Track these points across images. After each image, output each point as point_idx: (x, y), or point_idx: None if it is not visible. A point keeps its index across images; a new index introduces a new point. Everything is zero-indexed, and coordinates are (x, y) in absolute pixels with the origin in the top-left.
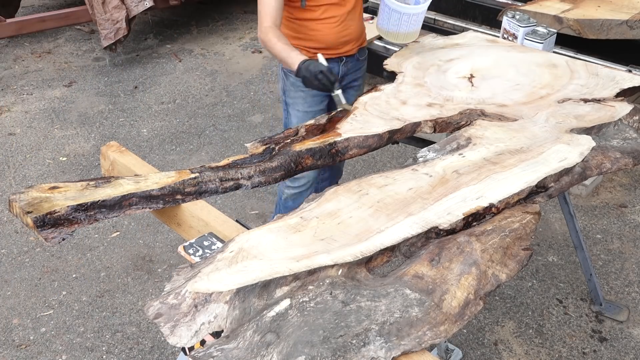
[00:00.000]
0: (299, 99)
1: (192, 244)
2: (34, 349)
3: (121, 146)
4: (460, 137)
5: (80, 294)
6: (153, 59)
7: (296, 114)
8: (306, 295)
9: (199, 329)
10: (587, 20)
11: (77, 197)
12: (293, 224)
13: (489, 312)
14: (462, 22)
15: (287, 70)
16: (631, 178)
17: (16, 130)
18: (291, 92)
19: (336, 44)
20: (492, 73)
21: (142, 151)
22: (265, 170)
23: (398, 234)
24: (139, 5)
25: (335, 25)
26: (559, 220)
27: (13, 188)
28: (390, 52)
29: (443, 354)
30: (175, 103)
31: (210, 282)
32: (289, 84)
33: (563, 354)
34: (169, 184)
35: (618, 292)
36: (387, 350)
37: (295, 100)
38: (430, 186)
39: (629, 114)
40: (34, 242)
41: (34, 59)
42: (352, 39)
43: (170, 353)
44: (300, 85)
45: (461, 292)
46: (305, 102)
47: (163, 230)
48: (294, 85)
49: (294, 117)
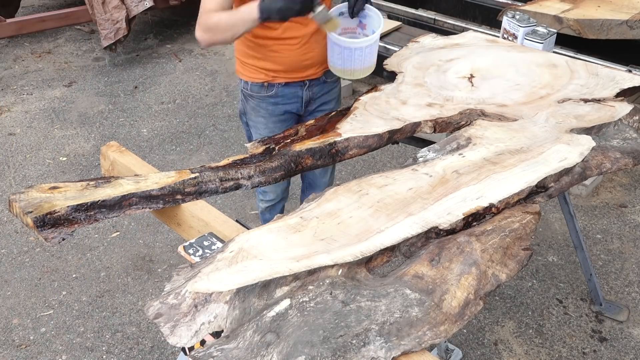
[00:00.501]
0: (260, 124)
1: (192, 244)
2: (34, 349)
3: (121, 146)
4: (460, 137)
5: (80, 294)
6: (153, 59)
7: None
8: (306, 295)
9: (199, 329)
10: (587, 20)
11: (77, 197)
12: (293, 224)
13: (489, 312)
14: (462, 22)
15: (246, 93)
16: (631, 178)
17: (16, 130)
18: (252, 116)
19: (298, 67)
20: (492, 73)
21: (142, 151)
22: (265, 170)
23: (398, 234)
24: (139, 5)
25: (297, 47)
26: (559, 220)
27: (13, 188)
28: (390, 52)
29: (443, 354)
30: (175, 103)
31: (210, 282)
32: (250, 108)
33: (563, 354)
34: (169, 184)
35: (618, 292)
36: (387, 350)
37: (256, 125)
38: (430, 186)
39: (629, 114)
40: (34, 242)
41: (34, 59)
42: (316, 62)
43: (170, 353)
44: (260, 110)
45: (461, 292)
46: (267, 128)
47: (163, 230)
48: (254, 109)
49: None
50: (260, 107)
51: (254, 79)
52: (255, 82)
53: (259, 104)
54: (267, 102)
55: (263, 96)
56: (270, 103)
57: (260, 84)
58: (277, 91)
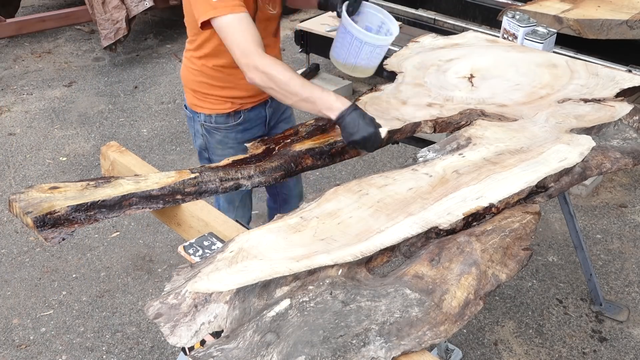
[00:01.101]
0: (227, 156)
1: (192, 244)
2: (34, 349)
3: (121, 146)
4: (460, 137)
5: (80, 294)
6: (153, 59)
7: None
8: (306, 295)
9: (199, 329)
10: (587, 20)
11: (77, 197)
12: (293, 224)
13: (489, 312)
14: (462, 22)
15: (209, 127)
16: (631, 178)
17: (16, 130)
18: (217, 151)
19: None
20: (492, 73)
21: (142, 151)
22: (265, 170)
23: (398, 234)
24: (139, 5)
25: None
26: (559, 220)
27: (13, 188)
28: (390, 53)
29: (443, 354)
30: (175, 103)
31: (210, 282)
32: (215, 142)
33: (563, 354)
34: (169, 184)
35: (618, 292)
36: (387, 350)
37: (222, 158)
38: (430, 186)
39: (629, 114)
40: (34, 242)
41: (34, 59)
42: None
43: (170, 353)
44: (227, 141)
45: (461, 292)
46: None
47: (163, 230)
48: (221, 142)
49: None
50: (228, 138)
51: (219, 110)
52: (221, 113)
53: (227, 135)
54: (235, 131)
55: (230, 126)
56: (238, 131)
57: (227, 114)
58: (244, 117)
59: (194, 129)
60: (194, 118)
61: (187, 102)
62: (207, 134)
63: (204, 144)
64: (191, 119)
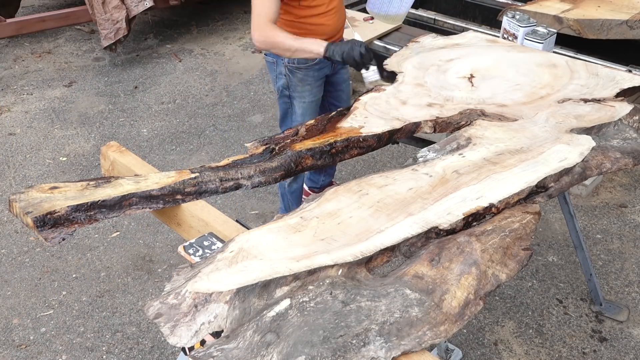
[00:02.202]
0: (305, 92)
1: (192, 244)
2: (34, 349)
3: (121, 146)
4: (460, 137)
5: (80, 294)
6: (153, 59)
7: (302, 106)
8: (306, 295)
9: (199, 329)
10: (587, 20)
11: (77, 197)
12: (293, 224)
13: (489, 312)
14: (462, 22)
15: (292, 67)
16: (631, 178)
17: (16, 130)
18: (298, 87)
19: (336, 33)
20: (492, 73)
21: (142, 151)
22: (265, 170)
23: (398, 234)
24: (139, 5)
25: (335, 15)
26: (559, 220)
27: (13, 188)
28: (390, 52)
29: (443, 354)
30: (175, 103)
31: (210, 282)
32: (297, 80)
33: (563, 354)
34: (169, 184)
35: (618, 292)
36: (387, 350)
37: (302, 94)
38: (430, 186)
39: (629, 114)
40: (34, 242)
41: (34, 59)
42: (343, 23)
43: (170, 353)
44: (307, 79)
45: (461, 292)
46: (311, 93)
47: (163, 230)
48: (302, 80)
49: (299, 109)
50: (308, 76)
51: None
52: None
53: (307, 74)
54: (313, 69)
55: (310, 65)
56: (315, 70)
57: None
58: (319, 58)
59: (275, 73)
60: (277, 62)
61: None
62: (289, 73)
63: (286, 83)
64: (273, 64)
